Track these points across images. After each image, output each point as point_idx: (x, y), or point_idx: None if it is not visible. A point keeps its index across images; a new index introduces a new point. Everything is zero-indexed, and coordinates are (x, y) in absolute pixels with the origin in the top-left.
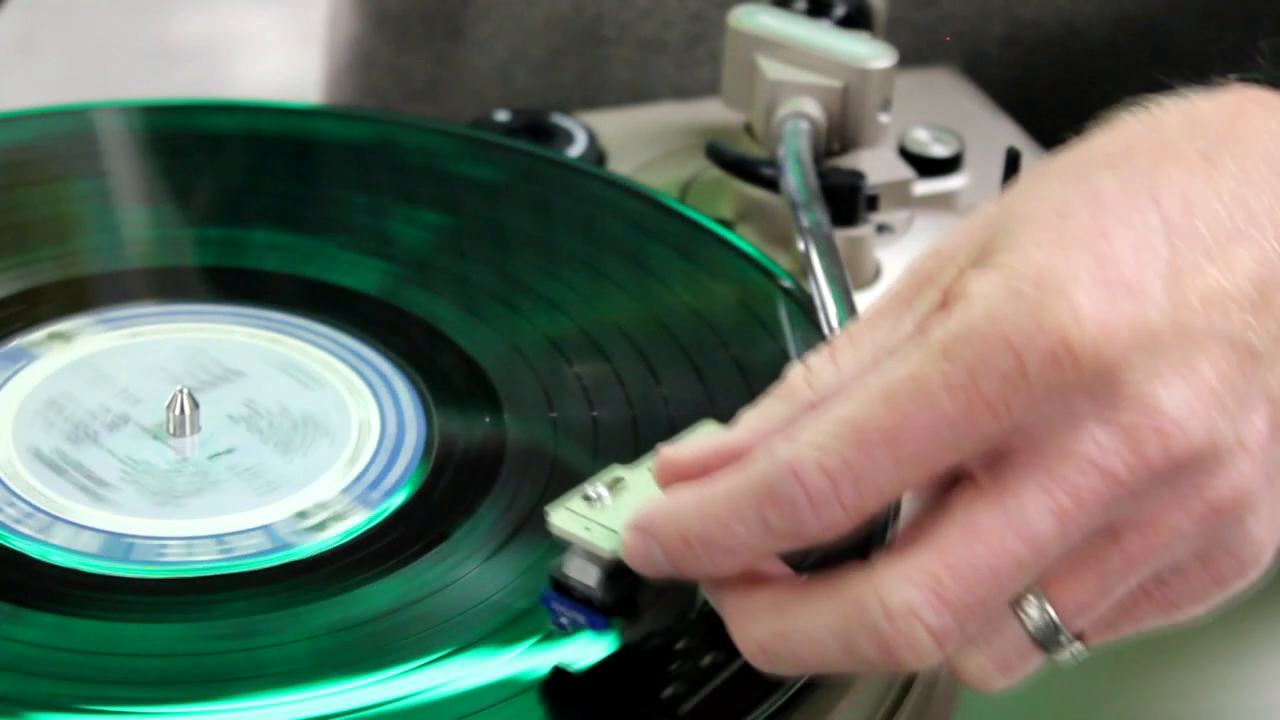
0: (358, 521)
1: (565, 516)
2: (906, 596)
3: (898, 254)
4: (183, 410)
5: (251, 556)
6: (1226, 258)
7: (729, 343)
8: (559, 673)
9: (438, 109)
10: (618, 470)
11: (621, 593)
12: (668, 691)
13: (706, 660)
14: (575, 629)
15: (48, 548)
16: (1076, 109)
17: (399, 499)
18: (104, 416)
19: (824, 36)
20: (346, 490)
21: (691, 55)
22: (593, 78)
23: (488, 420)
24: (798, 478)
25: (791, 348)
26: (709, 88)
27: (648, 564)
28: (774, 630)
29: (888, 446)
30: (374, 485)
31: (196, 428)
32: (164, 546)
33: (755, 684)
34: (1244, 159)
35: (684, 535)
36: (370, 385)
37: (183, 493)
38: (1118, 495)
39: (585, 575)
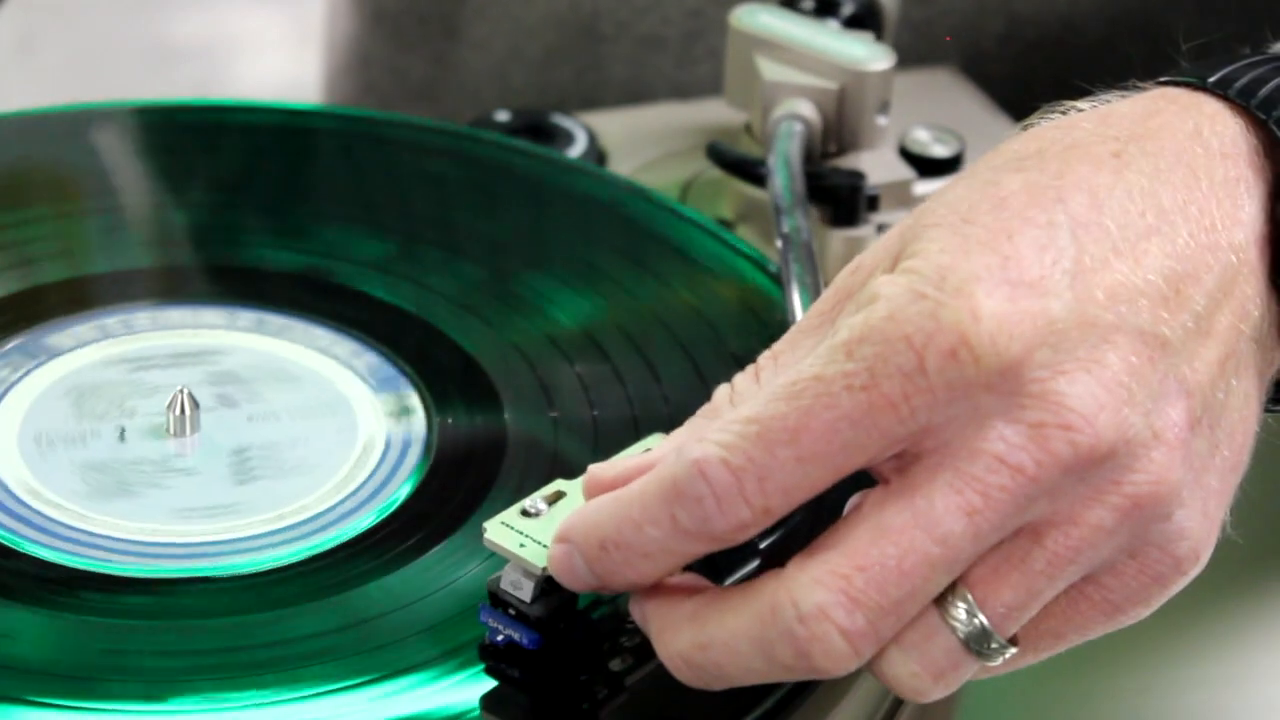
0: (356, 523)
1: (500, 531)
2: (817, 599)
3: None
4: (183, 410)
5: (251, 557)
6: (1135, 253)
7: (729, 342)
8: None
9: (436, 108)
10: (560, 484)
11: (554, 607)
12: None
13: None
14: (509, 643)
15: (40, 547)
16: None
17: (398, 499)
18: (103, 416)
19: (823, 38)
20: (346, 493)
21: (690, 53)
22: (590, 76)
23: (488, 420)
24: (703, 475)
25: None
26: (708, 85)
27: (571, 575)
28: (694, 641)
29: (791, 445)
30: (373, 487)
31: (196, 428)
32: (159, 547)
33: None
34: (1157, 156)
35: (601, 540)
36: (370, 385)
37: (178, 493)
38: (1029, 492)
39: (519, 590)
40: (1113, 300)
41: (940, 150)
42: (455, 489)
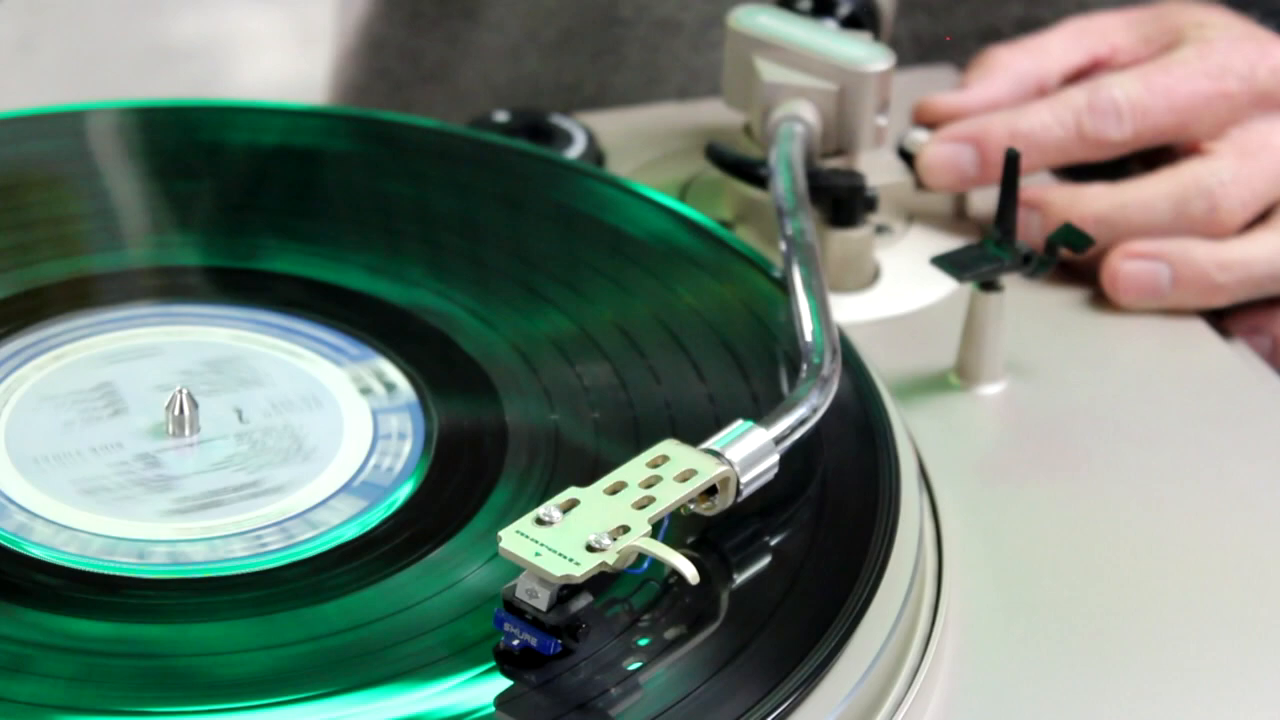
0: (356, 524)
1: (515, 540)
2: (1233, 172)
3: (897, 255)
4: (182, 410)
5: (249, 558)
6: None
7: (729, 342)
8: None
9: (448, 90)
10: (573, 492)
11: (571, 614)
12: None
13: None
14: (524, 649)
15: (30, 545)
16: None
17: (397, 499)
18: (102, 417)
19: (822, 39)
20: (345, 494)
21: (706, 37)
22: (606, 59)
23: (488, 421)
24: (1109, 95)
25: (782, 345)
26: (720, 71)
27: (952, 170)
28: (1113, 202)
29: (1167, 96)
30: (373, 487)
31: (195, 428)
32: (155, 547)
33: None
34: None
35: (1013, 133)
36: (370, 385)
37: (179, 493)
38: None
39: (535, 598)
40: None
41: None
42: (455, 490)
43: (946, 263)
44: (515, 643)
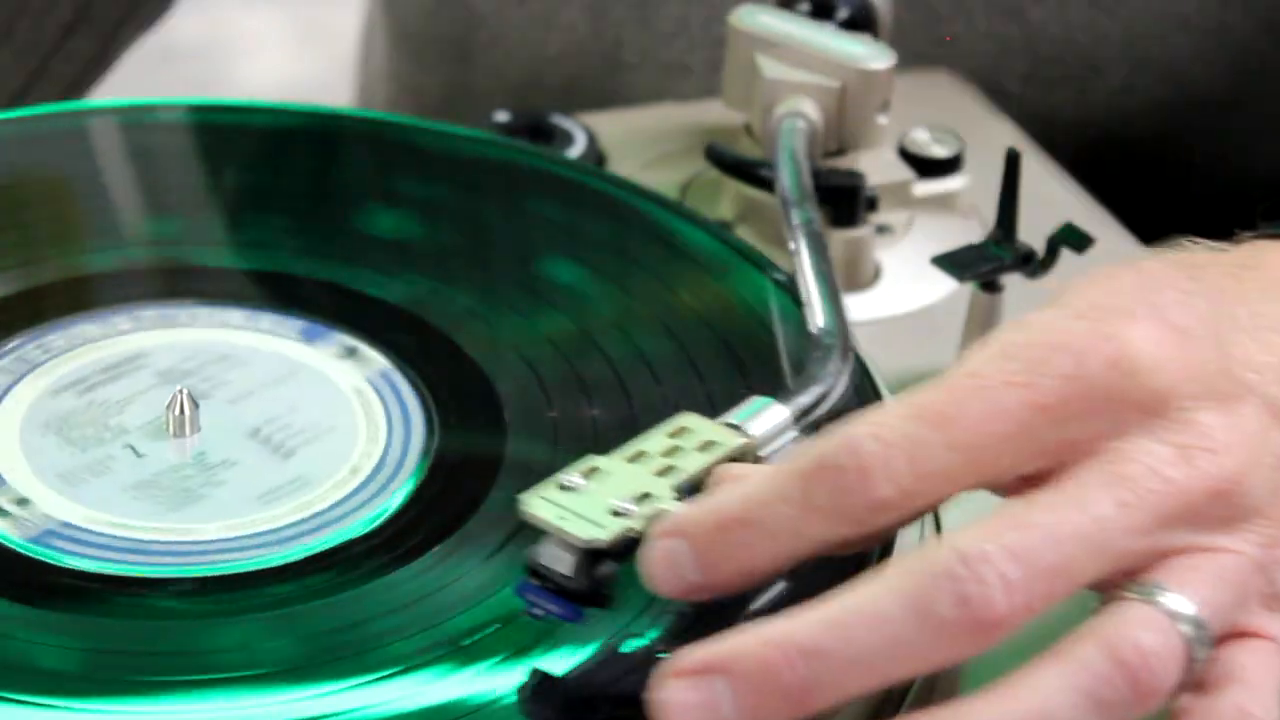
0: (355, 523)
1: (539, 504)
2: (980, 544)
3: (897, 255)
4: (182, 410)
5: (247, 558)
6: (1261, 339)
7: (729, 342)
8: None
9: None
10: (593, 460)
11: (596, 580)
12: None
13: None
14: (549, 618)
15: (42, 549)
16: (1096, 148)
17: (397, 499)
18: (102, 417)
19: (824, 37)
20: (346, 494)
21: (715, 80)
22: (613, 105)
23: (488, 420)
24: (849, 447)
25: (783, 344)
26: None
27: (671, 571)
28: (825, 620)
29: (943, 429)
30: (373, 487)
31: (196, 428)
32: (156, 547)
33: None
34: (1267, 279)
35: (721, 520)
36: (369, 385)
37: (179, 494)
38: (1176, 506)
39: (559, 563)
40: (1246, 366)
41: (939, 151)
42: (455, 488)
43: (946, 263)
44: (539, 612)
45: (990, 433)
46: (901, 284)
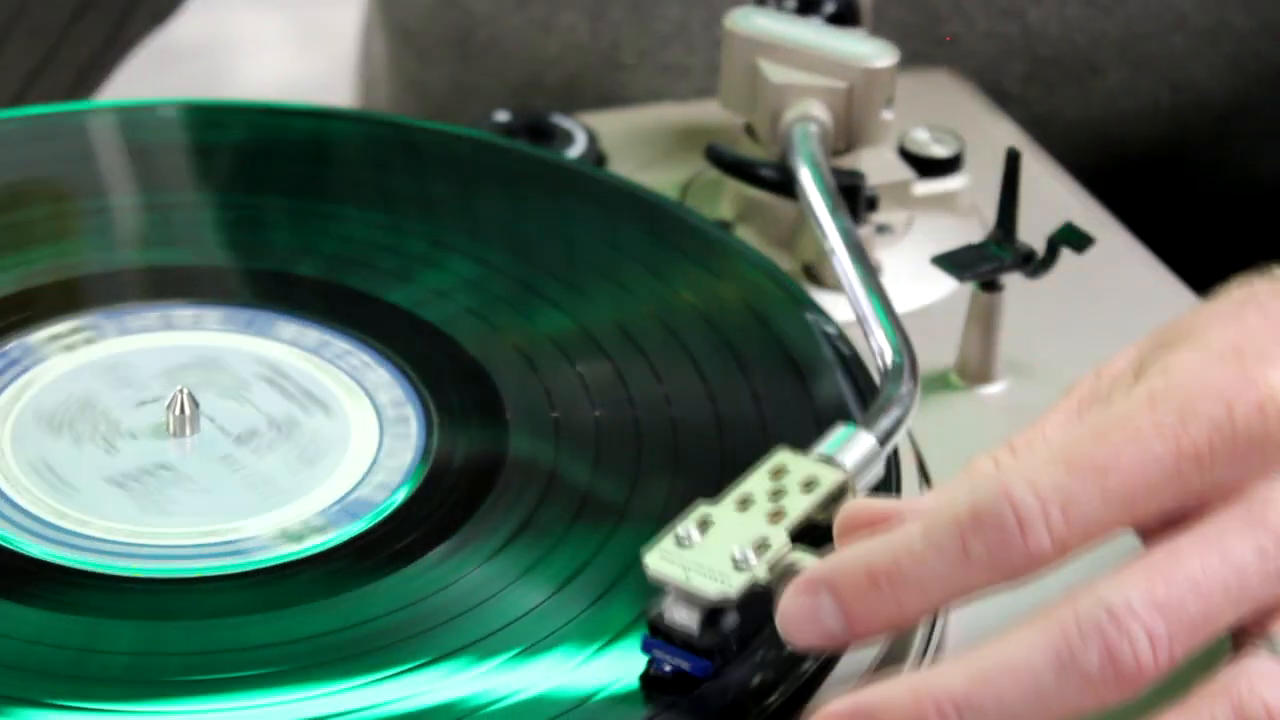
0: (356, 524)
1: (663, 562)
2: (1126, 596)
3: (897, 255)
4: (183, 410)
5: (247, 558)
6: None
7: (730, 342)
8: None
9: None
10: (703, 507)
11: (723, 634)
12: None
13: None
14: (676, 673)
15: (43, 548)
16: (1096, 149)
17: (397, 500)
18: (102, 417)
19: (824, 37)
20: (344, 494)
21: (714, 81)
22: (612, 106)
23: (488, 420)
24: (1009, 498)
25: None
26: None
27: (813, 627)
28: (972, 674)
29: (1097, 477)
30: (373, 487)
31: (196, 428)
32: (155, 548)
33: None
34: None
35: (871, 572)
36: (368, 385)
37: (178, 493)
38: None
39: (686, 620)
40: None
41: (940, 150)
42: (455, 489)
43: (947, 262)
44: (667, 668)
45: (1142, 482)
46: (901, 284)
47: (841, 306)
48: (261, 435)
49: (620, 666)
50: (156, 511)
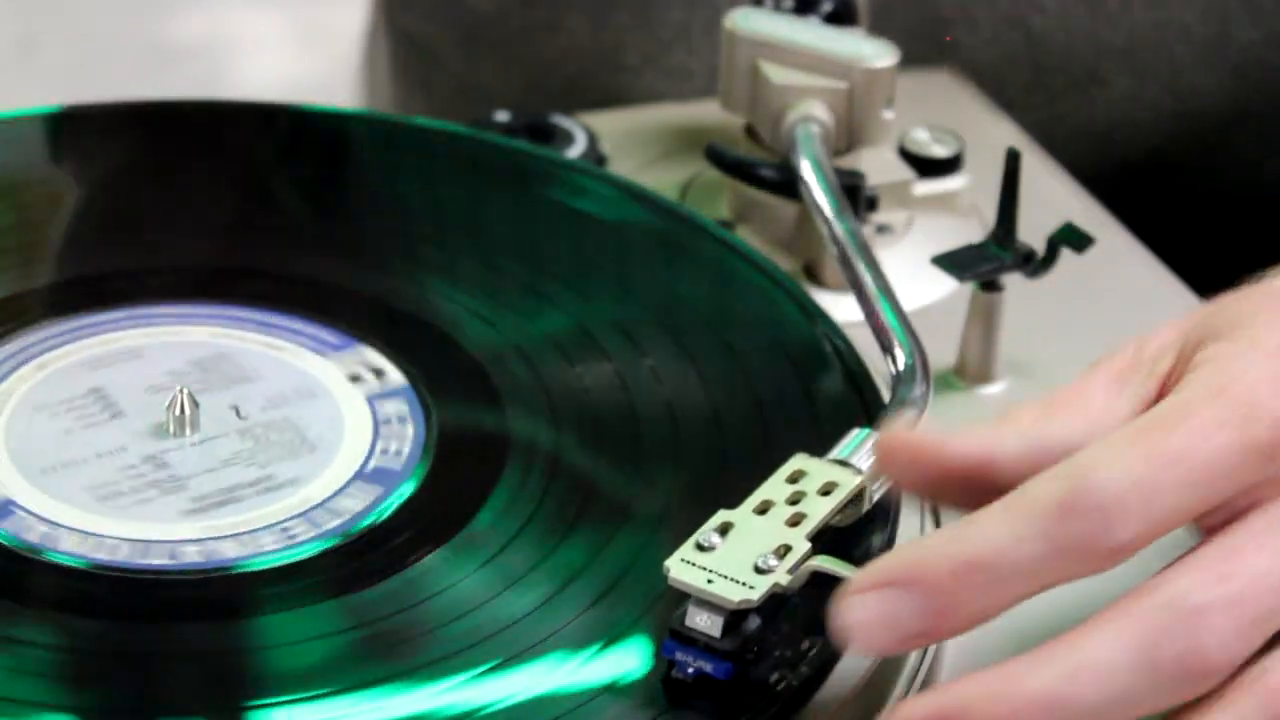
0: (354, 522)
1: (683, 568)
2: (1203, 596)
3: (897, 255)
4: (182, 410)
5: (247, 558)
6: None
7: (730, 342)
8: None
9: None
10: (725, 515)
11: (745, 638)
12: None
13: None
14: (699, 676)
15: (45, 551)
16: (1099, 155)
17: (397, 500)
18: (100, 422)
19: (824, 37)
20: (360, 481)
21: (716, 83)
22: (613, 107)
23: (488, 419)
24: (1089, 488)
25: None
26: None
27: (889, 631)
28: (1061, 671)
29: (1174, 467)
30: (385, 472)
31: (196, 427)
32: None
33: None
34: None
35: (960, 562)
36: (368, 385)
37: (193, 493)
38: None
39: (708, 625)
40: None
41: (940, 150)
42: (455, 489)
43: (947, 262)
44: (690, 670)
45: (1215, 471)
46: (901, 284)
47: (841, 306)
48: (257, 435)
49: (620, 666)
50: (176, 511)
